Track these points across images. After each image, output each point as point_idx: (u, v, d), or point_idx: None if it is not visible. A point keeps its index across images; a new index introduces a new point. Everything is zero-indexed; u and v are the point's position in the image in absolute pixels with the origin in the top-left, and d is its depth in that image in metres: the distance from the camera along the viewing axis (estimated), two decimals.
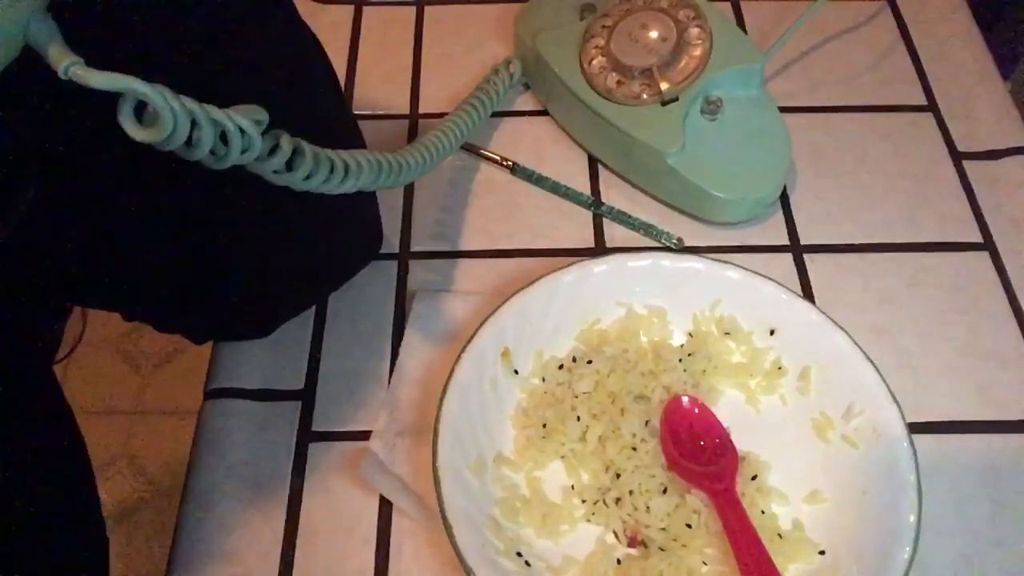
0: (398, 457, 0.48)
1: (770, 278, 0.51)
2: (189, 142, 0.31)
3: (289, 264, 0.47)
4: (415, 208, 0.59)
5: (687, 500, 0.46)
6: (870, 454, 0.46)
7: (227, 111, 0.32)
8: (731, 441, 0.48)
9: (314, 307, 0.55)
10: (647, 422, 0.48)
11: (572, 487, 0.47)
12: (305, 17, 0.42)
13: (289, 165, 0.36)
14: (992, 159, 0.62)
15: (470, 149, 0.62)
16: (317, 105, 0.45)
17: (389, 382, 0.51)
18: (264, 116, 0.34)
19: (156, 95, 0.29)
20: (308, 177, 0.37)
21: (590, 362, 0.50)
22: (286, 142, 0.35)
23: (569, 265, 0.51)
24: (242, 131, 0.32)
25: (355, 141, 0.49)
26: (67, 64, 0.28)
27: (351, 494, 0.48)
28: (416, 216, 0.59)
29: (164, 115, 0.30)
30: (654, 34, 0.58)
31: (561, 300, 0.51)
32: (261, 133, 0.33)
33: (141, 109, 0.30)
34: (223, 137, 0.32)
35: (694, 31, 0.58)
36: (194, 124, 0.31)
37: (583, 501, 0.47)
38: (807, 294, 0.56)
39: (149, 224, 0.40)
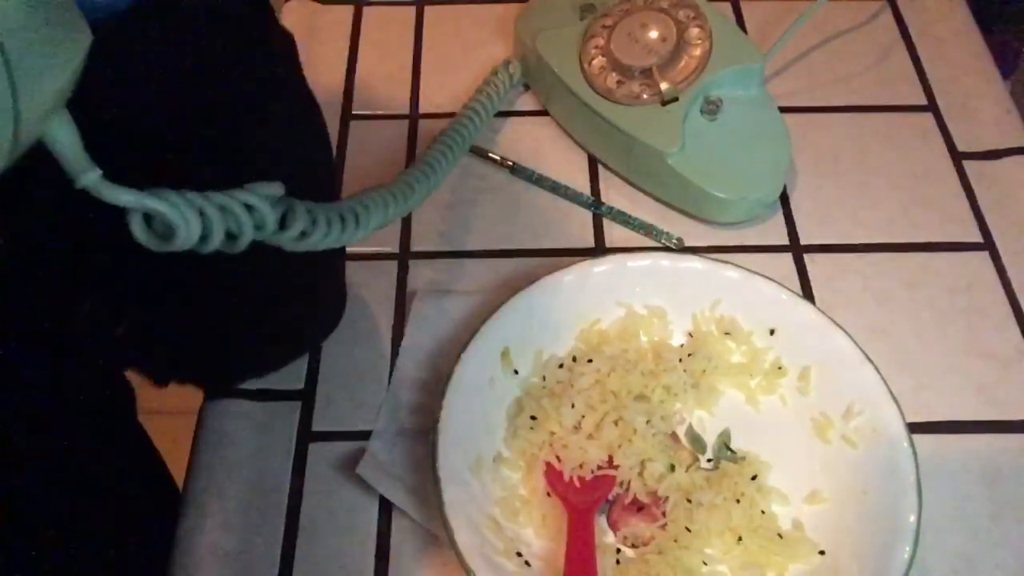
0: (398, 457, 0.48)
1: (770, 278, 0.51)
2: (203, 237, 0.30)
3: (253, 324, 0.46)
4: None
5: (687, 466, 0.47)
6: (870, 454, 0.46)
7: (232, 193, 0.31)
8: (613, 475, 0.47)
9: None
10: (647, 421, 0.48)
11: None
12: (305, 17, 0.42)
13: (304, 232, 0.35)
14: (992, 159, 0.62)
15: (470, 149, 0.62)
16: (318, 165, 0.45)
17: (389, 382, 0.51)
18: (279, 190, 0.33)
19: (173, 211, 0.28)
20: (325, 236, 0.36)
21: (591, 361, 0.50)
22: (300, 211, 0.34)
23: (569, 265, 0.51)
24: (250, 208, 0.31)
25: (335, 190, 0.49)
26: (87, 180, 0.26)
27: (351, 494, 0.48)
28: (416, 216, 0.59)
29: (180, 231, 0.29)
30: (654, 34, 0.58)
31: (561, 300, 0.51)
32: (272, 206, 0.32)
33: (149, 216, 0.29)
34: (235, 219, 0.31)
35: (694, 31, 0.58)
36: (204, 215, 0.30)
37: None
38: (807, 294, 0.56)
39: (107, 278, 0.40)
